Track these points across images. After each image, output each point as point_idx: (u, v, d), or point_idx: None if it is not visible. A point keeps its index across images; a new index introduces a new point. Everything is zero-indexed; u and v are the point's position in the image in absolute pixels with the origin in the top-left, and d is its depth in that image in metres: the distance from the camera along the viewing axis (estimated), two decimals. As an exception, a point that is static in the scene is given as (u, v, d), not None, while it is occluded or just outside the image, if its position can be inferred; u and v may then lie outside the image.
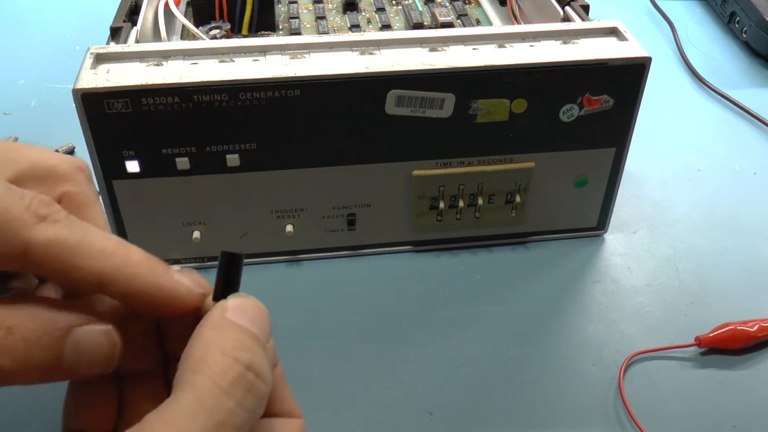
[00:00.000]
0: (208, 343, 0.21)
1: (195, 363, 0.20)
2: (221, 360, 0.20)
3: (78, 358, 0.21)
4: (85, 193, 0.26)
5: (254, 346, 0.22)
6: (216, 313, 0.22)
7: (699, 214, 0.49)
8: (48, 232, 0.21)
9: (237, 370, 0.20)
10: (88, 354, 0.21)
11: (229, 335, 0.21)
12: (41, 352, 0.20)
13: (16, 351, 0.20)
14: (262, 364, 0.21)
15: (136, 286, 0.22)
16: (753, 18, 0.65)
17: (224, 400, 0.20)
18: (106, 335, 0.21)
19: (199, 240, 0.42)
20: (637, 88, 0.40)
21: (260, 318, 0.23)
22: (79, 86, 0.36)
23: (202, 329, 0.21)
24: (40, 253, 0.21)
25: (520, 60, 0.38)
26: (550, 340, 0.40)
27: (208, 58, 0.39)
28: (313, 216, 0.42)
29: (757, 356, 0.39)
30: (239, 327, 0.22)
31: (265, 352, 0.22)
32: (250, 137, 0.39)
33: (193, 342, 0.21)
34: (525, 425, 0.36)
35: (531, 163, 0.42)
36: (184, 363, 0.21)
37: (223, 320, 0.22)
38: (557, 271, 0.44)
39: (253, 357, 0.21)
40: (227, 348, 0.21)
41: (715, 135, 0.57)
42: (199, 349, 0.21)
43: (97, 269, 0.21)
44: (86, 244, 0.21)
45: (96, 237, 0.22)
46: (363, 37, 0.40)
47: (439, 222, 0.43)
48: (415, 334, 0.40)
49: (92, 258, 0.21)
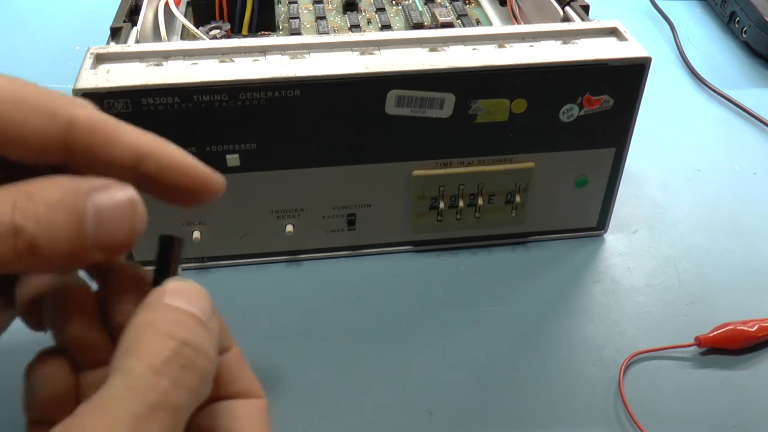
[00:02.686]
0: (141, 325, 0.21)
1: (127, 347, 0.20)
2: (154, 339, 0.20)
3: (101, 223, 0.21)
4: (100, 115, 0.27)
5: (192, 324, 0.21)
6: (152, 298, 0.22)
7: (699, 214, 0.49)
8: (91, 112, 0.22)
9: (171, 347, 0.20)
10: (111, 221, 0.21)
11: (164, 315, 0.21)
12: (63, 216, 0.20)
13: (39, 215, 0.20)
14: (201, 340, 0.21)
15: (173, 159, 0.23)
16: (753, 18, 0.65)
17: (158, 380, 0.19)
18: (129, 201, 0.21)
19: (199, 240, 0.42)
20: (637, 88, 0.40)
21: (199, 299, 0.23)
22: (79, 86, 0.36)
23: (137, 314, 0.21)
24: (84, 127, 0.22)
25: (520, 60, 0.38)
26: (550, 340, 0.40)
27: (208, 58, 0.39)
28: (313, 216, 0.42)
29: (757, 356, 0.39)
30: (175, 308, 0.21)
31: (206, 330, 0.22)
32: (250, 137, 0.39)
33: (127, 327, 0.21)
34: (525, 425, 0.36)
35: (531, 163, 0.42)
36: (117, 349, 0.20)
37: (159, 303, 0.22)
38: (557, 271, 0.44)
39: (189, 333, 0.21)
40: (161, 327, 0.21)
41: (715, 135, 0.57)
42: (133, 331, 0.21)
43: (136, 141, 0.22)
44: (122, 126, 0.23)
45: (130, 126, 0.23)
46: (363, 37, 0.40)
47: (439, 222, 0.43)
48: (415, 334, 0.40)
49: (132, 133, 0.23)
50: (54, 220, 0.20)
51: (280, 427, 0.36)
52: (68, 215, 0.20)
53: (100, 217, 0.21)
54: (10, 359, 0.29)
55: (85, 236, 0.20)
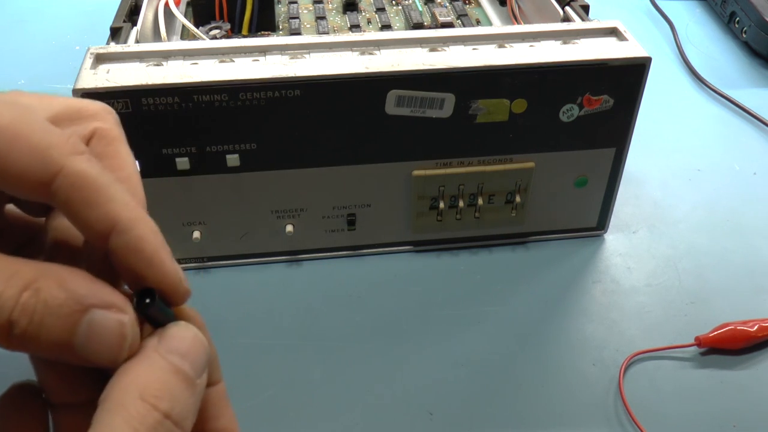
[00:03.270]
0: (129, 383, 0.21)
1: (113, 405, 0.20)
2: (140, 406, 0.20)
3: (88, 340, 0.21)
4: (115, 130, 0.26)
5: (178, 390, 0.21)
6: (146, 346, 0.22)
7: (699, 214, 0.49)
8: (84, 164, 0.21)
9: (155, 418, 0.20)
10: (99, 340, 0.21)
11: (153, 376, 0.21)
12: (58, 322, 0.20)
13: (35, 314, 0.20)
14: (183, 411, 0.21)
15: (143, 246, 0.21)
16: (753, 18, 0.65)
17: None
18: (120, 327, 0.21)
19: (199, 240, 0.42)
20: (637, 88, 0.40)
21: (195, 351, 0.22)
22: (79, 86, 0.36)
23: (128, 364, 0.21)
24: (70, 180, 0.21)
25: (520, 60, 0.38)
26: (550, 340, 0.40)
27: (208, 58, 0.39)
28: (313, 216, 0.42)
29: (757, 356, 0.39)
30: (166, 365, 0.21)
31: (191, 392, 0.22)
32: (250, 137, 0.39)
33: (115, 379, 0.21)
34: (525, 425, 0.36)
35: (531, 163, 0.42)
36: (103, 402, 0.20)
37: (150, 355, 0.21)
38: (557, 271, 0.44)
39: (173, 405, 0.21)
40: (148, 392, 0.20)
41: (715, 135, 0.57)
42: (120, 390, 0.21)
43: (114, 213, 0.21)
44: (113, 190, 0.21)
45: (122, 190, 0.22)
46: (363, 37, 0.40)
47: (439, 222, 0.43)
48: (415, 334, 0.40)
49: (115, 203, 0.21)
50: (48, 324, 0.20)
51: (280, 427, 0.36)
52: (62, 322, 0.20)
53: (90, 335, 0.21)
54: (9, 361, 0.29)
55: (71, 346, 0.20)
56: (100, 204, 0.21)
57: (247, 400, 0.36)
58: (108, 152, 0.25)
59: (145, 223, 0.22)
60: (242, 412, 0.36)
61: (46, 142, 0.21)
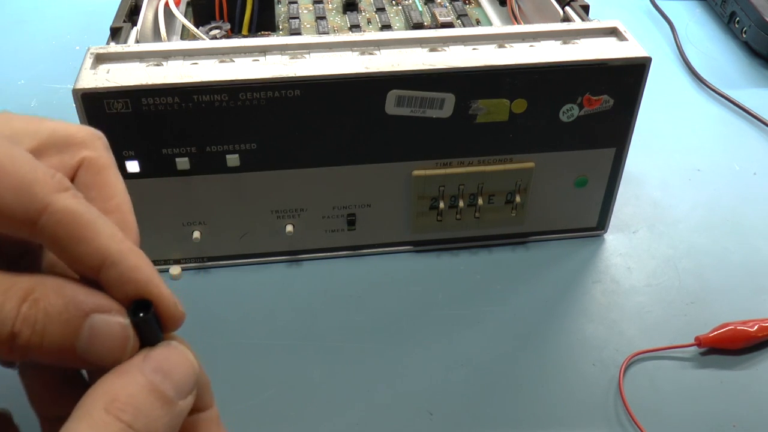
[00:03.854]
0: (99, 394, 0.21)
1: (81, 413, 0.20)
2: (104, 415, 0.20)
3: (90, 344, 0.21)
4: (104, 157, 0.26)
5: (148, 406, 0.21)
6: (131, 361, 0.22)
7: (699, 214, 0.49)
8: (69, 201, 0.21)
9: (117, 427, 0.20)
10: (101, 343, 0.21)
11: (124, 390, 0.21)
12: (59, 329, 0.20)
13: (37, 323, 0.20)
14: (149, 426, 0.21)
15: (136, 276, 0.21)
16: (753, 18, 0.65)
17: None
18: (122, 329, 0.21)
19: (199, 240, 0.42)
20: (637, 88, 0.40)
21: (181, 372, 0.22)
22: (79, 86, 0.36)
23: (106, 376, 0.21)
24: (56, 218, 0.21)
25: (520, 60, 0.38)
26: (550, 340, 0.40)
27: (208, 58, 0.39)
28: (313, 216, 0.42)
29: (757, 356, 0.39)
30: (142, 381, 0.21)
31: (166, 411, 0.21)
32: (250, 137, 0.39)
33: (89, 389, 0.21)
34: (525, 425, 0.36)
35: (531, 163, 0.42)
36: (75, 410, 0.20)
37: (128, 370, 0.21)
38: (557, 271, 0.44)
39: (136, 418, 0.20)
40: (114, 404, 0.20)
41: (715, 135, 0.57)
42: (90, 399, 0.21)
43: (104, 247, 0.21)
44: (100, 224, 0.21)
45: (108, 223, 0.22)
46: (363, 37, 0.40)
47: (439, 222, 0.43)
48: (415, 334, 0.40)
49: (103, 236, 0.21)
50: (50, 331, 0.20)
51: (280, 427, 0.36)
52: (64, 329, 0.20)
53: (92, 339, 0.21)
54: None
55: (74, 351, 0.21)
56: (87, 239, 0.21)
57: (247, 400, 0.36)
58: (97, 182, 0.25)
59: (134, 253, 0.22)
60: (242, 412, 0.36)
61: (30, 178, 0.21)
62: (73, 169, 0.25)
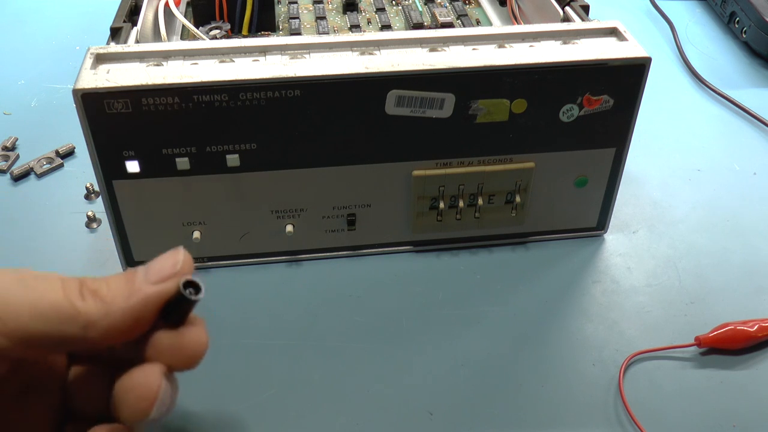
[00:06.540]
0: None
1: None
2: None
3: (148, 273, 0.27)
4: None
5: None
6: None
7: (699, 214, 0.49)
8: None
9: None
10: (159, 270, 0.27)
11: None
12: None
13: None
14: None
15: None
16: (753, 18, 0.65)
17: None
18: (173, 253, 0.28)
19: (199, 240, 0.42)
20: (637, 88, 0.40)
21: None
22: (79, 86, 0.36)
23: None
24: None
25: (520, 60, 0.38)
26: (550, 340, 0.40)
27: (208, 58, 0.39)
28: (313, 216, 0.42)
29: (757, 356, 0.39)
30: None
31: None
32: (250, 137, 0.39)
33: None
34: (525, 425, 0.36)
35: (531, 163, 0.42)
36: None
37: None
38: (557, 271, 0.44)
39: None
40: None
41: (715, 135, 0.57)
42: None
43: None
44: None
45: None
46: (363, 38, 0.40)
47: (439, 222, 0.43)
48: (415, 334, 0.40)
49: None
50: None
51: (280, 427, 0.36)
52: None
53: (150, 269, 0.27)
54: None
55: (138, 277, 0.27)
56: None
57: (247, 400, 0.36)
58: None
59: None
60: (242, 412, 0.36)
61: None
62: None
